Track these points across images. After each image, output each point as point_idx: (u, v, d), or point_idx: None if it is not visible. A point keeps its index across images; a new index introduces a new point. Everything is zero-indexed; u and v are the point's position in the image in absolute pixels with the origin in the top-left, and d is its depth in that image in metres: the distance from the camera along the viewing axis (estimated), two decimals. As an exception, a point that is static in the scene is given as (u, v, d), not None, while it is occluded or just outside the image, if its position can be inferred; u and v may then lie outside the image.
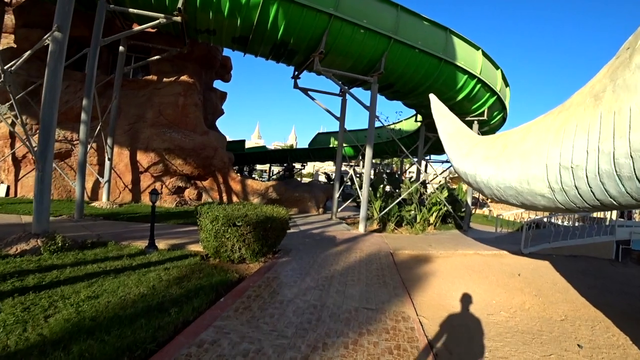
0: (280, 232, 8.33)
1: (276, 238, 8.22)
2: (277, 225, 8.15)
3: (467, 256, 10.97)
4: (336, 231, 13.16)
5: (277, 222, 8.17)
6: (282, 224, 8.40)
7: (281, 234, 8.43)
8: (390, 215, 14.93)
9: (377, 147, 25.11)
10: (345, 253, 9.74)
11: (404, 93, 15.57)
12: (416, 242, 12.39)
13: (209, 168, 16.03)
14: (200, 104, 16.43)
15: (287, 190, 16.68)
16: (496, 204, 32.70)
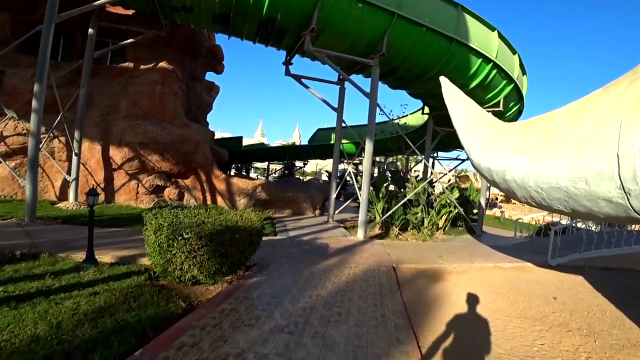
0: (246, 246, 6.39)
1: (240, 254, 6.30)
2: (242, 237, 6.22)
3: (485, 270, 9.00)
4: (331, 238, 11.23)
5: (243, 233, 6.24)
6: (251, 235, 6.48)
7: (247, 249, 6.50)
8: (394, 218, 12.99)
9: (380, 144, 23.09)
10: (336, 269, 7.80)
11: (409, 80, 13.60)
12: (424, 251, 10.43)
13: (190, 165, 14.16)
14: (182, 93, 14.57)
15: (278, 190, 14.77)
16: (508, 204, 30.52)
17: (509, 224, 21.48)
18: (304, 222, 13.71)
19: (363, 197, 11.53)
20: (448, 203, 13.76)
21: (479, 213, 14.73)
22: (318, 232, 11.96)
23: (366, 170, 11.59)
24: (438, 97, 15.63)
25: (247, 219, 6.78)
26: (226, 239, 5.90)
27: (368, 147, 11.49)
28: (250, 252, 6.77)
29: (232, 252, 6.03)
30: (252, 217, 7.07)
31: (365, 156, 11.52)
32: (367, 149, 11.48)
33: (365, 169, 11.62)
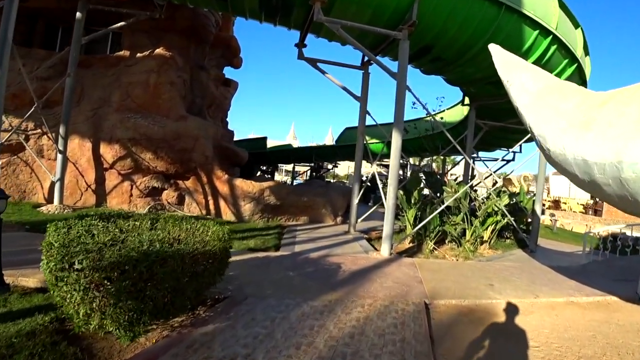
0: (187, 280, 4.05)
1: (174, 293, 3.96)
2: (176, 268, 3.88)
3: (557, 309, 6.28)
4: (346, 255, 8.75)
5: (177, 262, 3.90)
6: (197, 262, 4.16)
7: (192, 284, 4.16)
8: (428, 229, 10.34)
9: (413, 143, 20.36)
10: (341, 308, 5.34)
11: (446, 61, 10.95)
12: (467, 275, 7.78)
13: (189, 164, 12.04)
14: (181, 83, 12.51)
15: (290, 194, 12.40)
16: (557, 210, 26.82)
17: (562, 235, 18.23)
18: (318, 233, 11.28)
19: (388, 204, 8.98)
20: (495, 211, 10.99)
21: (532, 223, 11.84)
22: (332, 247, 9.50)
23: (393, 170, 9.05)
24: (481, 82, 12.93)
25: (201, 237, 4.47)
26: (142, 273, 3.57)
27: (395, 140, 8.96)
28: (202, 285, 4.44)
29: (154, 294, 3.70)
30: (215, 233, 4.75)
31: (392, 152, 8.98)
32: (395, 143, 8.95)
33: (392, 168, 9.07)
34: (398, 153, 8.91)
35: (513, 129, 14.75)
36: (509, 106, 14.06)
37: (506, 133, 15.75)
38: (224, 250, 4.73)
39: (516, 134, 15.59)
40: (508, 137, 16.24)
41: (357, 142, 12.04)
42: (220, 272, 4.83)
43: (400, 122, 9.00)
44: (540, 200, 11.75)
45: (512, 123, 13.75)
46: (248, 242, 9.18)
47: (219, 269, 4.77)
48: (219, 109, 18.36)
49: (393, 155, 8.93)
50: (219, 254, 4.60)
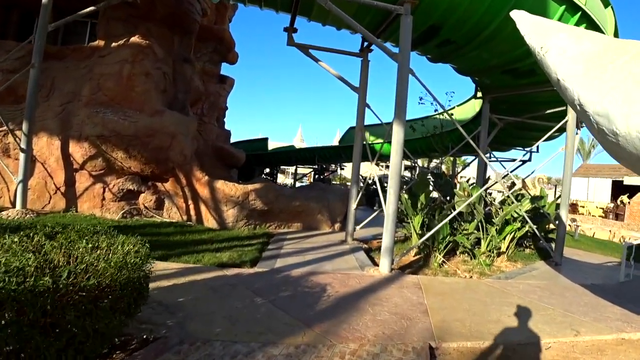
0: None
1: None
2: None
3: (606, 351, 4.59)
4: (338, 272, 7.13)
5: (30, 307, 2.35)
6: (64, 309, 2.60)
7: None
8: (437, 239, 8.66)
9: (421, 143, 18.65)
10: (312, 356, 3.75)
11: (457, 44, 9.30)
12: (484, 300, 6.11)
13: (166, 164, 10.53)
14: (160, 75, 11.04)
15: (279, 198, 10.77)
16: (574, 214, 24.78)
17: (585, 243, 16.36)
18: (310, 242, 9.68)
19: (388, 211, 7.33)
20: (515, 217, 9.28)
21: (558, 231, 10.09)
22: (322, 261, 7.90)
23: (394, 170, 7.40)
24: (497, 70, 11.10)
25: (101, 263, 2.92)
26: None
27: (397, 133, 7.32)
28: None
29: None
30: (118, 257, 3.19)
31: (393, 148, 7.34)
32: (396, 137, 7.31)
33: (393, 167, 7.42)
34: (400, 149, 7.27)
35: (532, 125, 13.01)
36: (527, 99, 12.36)
37: (523, 130, 13.99)
38: (131, 283, 3.16)
39: (535, 131, 13.83)
40: (525, 134, 14.46)
41: (355, 140, 10.43)
42: (128, 312, 3.26)
43: (402, 111, 7.36)
44: (567, 205, 10.00)
45: (531, 118, 12.03)
46: (221, 255, 7.62)
47: (125, 308, 3.20)
48: (213, 107, 16.90)
49: (394, 152, 7.30)
50: (121, 288, 3.04)
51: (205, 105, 16.82)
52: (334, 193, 12.43)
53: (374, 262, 8.14)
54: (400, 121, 7.28)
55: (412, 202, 9.69)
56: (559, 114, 11.48)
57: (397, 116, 7.31)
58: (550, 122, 12.25)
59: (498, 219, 8.66)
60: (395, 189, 7.29)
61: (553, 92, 10.63)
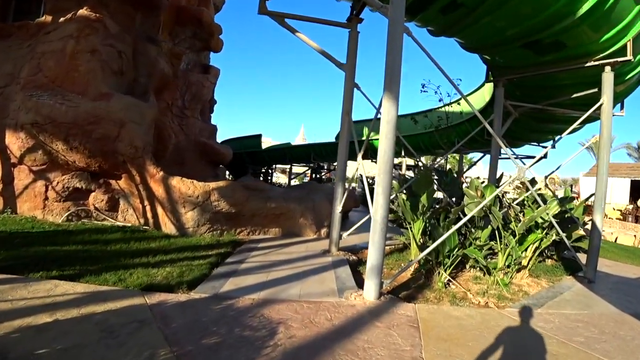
0: None
1: None
2: None
3: None
4: (305, 300, 5.06)
5: None
6: None
7: None
8: (442, 252, 6.51)
9: (424, 138, 16.43)
10: None
11: (465, 9, 7.16)
12: (512, 352, 4.03)
13: (114, 157, 8.52)
14: (112, 54, 9.05)
15: (250, 198, 8.68)
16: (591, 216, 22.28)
17: (609, 249, 14.09)
18: (284, 253, 7.62)
19: (376, 217, 5.23)
20: (539, 224, 7.14)
21: (591, 241, 7.91)
22: (289, 281, 5.84)
23: (383, 158, 5.26)
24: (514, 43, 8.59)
25: None
26: None
27: (387, 110, 5.22)
28: None
29: None
30: None
31: (383, 129, 5.25)
32: (386, 114, 5.21)
33: (382, 155, 5.29)
34: (391, 131, 5.18)
35: (552, 114, 10.85)
36: (550, 81, 10.05)
37: (541, 122, 11.79)
38: None
39: (556, 123, 11.65)
40: (543, 127, 12.26)
41: (342, 127, 8.31)
42: None
43: (394, 82, 5.26)
44: (602, 208, 7.83)
45: (553, 105, 9.87)
46: (157, 273, 5.63)
47: None
48: (196, 99, 14.92)
49: (384, 135, 5.20)
50: None
51: (187, 97, 14.86)
52: (321, 192, 10.33)
53: (361, 281, 6.06)
54: (392, 95, 5.19)
55: (412, 204, 7.59)
56: (587, 98, 9.33)
57: (387, 89, 5.22)
58: (575, 111, 10.11)
59: (521, 226, 6.50)
60: (385, 187, 5.20)
61: (584, 70, 8.55)
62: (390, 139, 5.16)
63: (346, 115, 7.92)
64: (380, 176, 5.17)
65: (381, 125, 5.23)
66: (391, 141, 5.18)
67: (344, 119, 7.95)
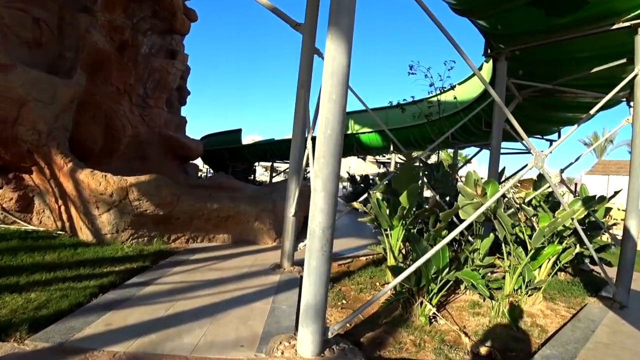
0: None
1: None
2: None
3: None
4: (201, 359, 3.03)
5: None
6: None
7: None
8: (426, 275, 4.41)
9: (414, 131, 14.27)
10: None
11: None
12: None
13: (17, 145, 6.43)
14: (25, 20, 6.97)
15: (183, 197, 6.55)
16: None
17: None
18: (219, 269, 5.55)
19: (314, 226, 3.20)
20: (560, 232, 5.08)
21: (623, 253, 5.87)
22: (195, 320, 3.79)
23: (325, 132, 3.17)
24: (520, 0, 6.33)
25: None
26: None
27: (332, 56, 3.19)
28: None
29: None
30: None
31: (325, 87, 3.21)
32: (332, 60, 3.17)
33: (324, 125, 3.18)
34: (340, 90, 3.11)
35: (562, 101, 8.83)
36: (564, 52, 7.88)
37: (548, 109, 9.71)
38: None
39: (564, 111, 9.60)
40: (550, 115, 10.17)
41: (297, 105, 6.15)
42: None
43: (344, 10, 3.20)
44: (638, 212, 5.74)
45: (567, 85, 7.81)
46: (11, 301, 3.69)
47: None
48: (161, 87, 12.86)
49: (327, 96, 3.13)
50: None
51: (150, 84, 12.80)
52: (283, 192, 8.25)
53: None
54: (340, 31, 3.11)
55: (392, 206, 5.52)
56: (608, 77, 7.29)
57: (333, 22, 3.14)
58: (592, 92, 8.04)
59: (537, 237, 4.42)
60: (326, 179, 3.12)
61: (610, 35, 6.49)
62: (338, 102, 3.09)
63: (301, 88, 5.80)
64: (320, 161, 3.10)
65: (323, 79, 3.15)
66: (339, 105, 3.11)
67: (299, 93, 5.84)
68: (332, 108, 3.12)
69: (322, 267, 3.14)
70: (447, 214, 4.34)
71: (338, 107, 3.12)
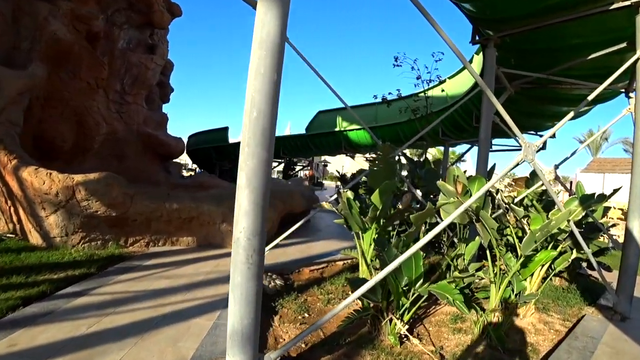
0: None
1: None
2: None
3: None
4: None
5: None
6: None
7: None
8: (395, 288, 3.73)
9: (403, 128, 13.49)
10: None
11: None
12: None
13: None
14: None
15: (137, 197, 5.88)
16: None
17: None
18: (170, 277, 4.86)
19: (237, 232, 2.54)
20: (555, 235, 4.42)
21: (625, 258, 5.20)
22: (117, 340, 3.11)
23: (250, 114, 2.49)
24: None
25: None
26: None
27: (261, 20, 2.55)
28: None
29: None
30: None
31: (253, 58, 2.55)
32: (259, 28, 2.52)
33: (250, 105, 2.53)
34: (271, 61, 2.46)
35: (556, 93, 8.18)
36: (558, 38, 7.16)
37: (542, 102, 9.03)
38: None
39: (558, 104, 8.92)
40: (544, 110, 9.49)
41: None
42: None
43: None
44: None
45: (562, 74, 7.14)
46: None
47: None
48: (139, 83, 12.10)
49: (253, 69, 2.48)
50: None
51: (127, 80, 12.08)
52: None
53: (263, 328, 3.32)
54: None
55: (362, 204, 4.85)
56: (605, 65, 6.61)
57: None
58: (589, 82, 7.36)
59: (528, 241, 3.74)
60: (251, 172, 2.44)
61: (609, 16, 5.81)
62: (267, 76, 2.43)
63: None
64: (245, 150, 2.43)
65: (252, 50, 2.49)
66: (269, 81, 2.44)
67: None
68: (259, 85, 2.45)
69: (248, 283, 2.46)
70: (418, 217, 3.64)
71: (267, 84, 2.46)
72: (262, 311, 4.27)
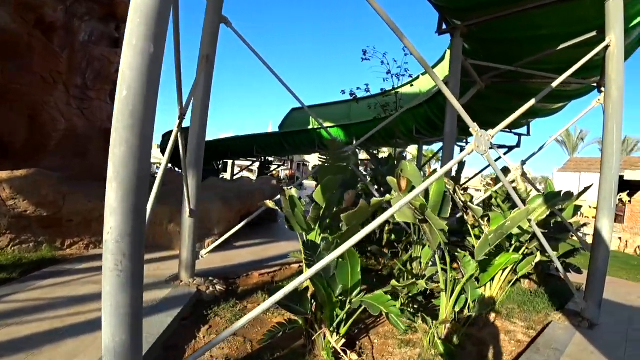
0: None
1: None
2: None
3: None
4: None
5: None
6: None
7: None
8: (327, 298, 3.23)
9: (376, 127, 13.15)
10: None
11: None
12: None
13: None
14: None
15: (70, 196, 5.31)
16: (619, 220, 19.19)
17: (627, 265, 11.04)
18: (97, 282, 4.32)
19: (107, 234, 2.05)
20: (515, 236, 4.00)
21: (593, 260, 4.81)
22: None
23: (120, 95, 2.00)
24: None
25: None
26: None
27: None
28: None
29: None
30: None
31: (130, 30, 2.07)
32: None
33: (124, 86, 2.03)
34: (148, 23, 1.96)
35: (529, 88, 7.85)
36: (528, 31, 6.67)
37: (514, 97, 8.68)
38: None
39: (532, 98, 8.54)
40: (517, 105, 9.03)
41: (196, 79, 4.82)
42: None
43: None
44: (612, 211, 4.66)
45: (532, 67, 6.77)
46: None
47: None
48: (102, 78, 11.42)
49: (128, 42, 1.98)
50: None
51: (89, 74, 11.42)
52: (213, 190, 7.05)
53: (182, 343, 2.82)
54: None
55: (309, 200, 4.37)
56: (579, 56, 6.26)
57: None
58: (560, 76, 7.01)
59: (483, 243, 3.29)
60: (120, 163, 1.98)
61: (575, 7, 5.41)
62: (140, 48, 1.93)
63: (205, 59, 4.56)
64: (113, 136, 1.99)
65: (129, 19, 1.99)
66: (143, 54, 1.94)
67: (201, 64, 4.57)
68: (130, 59, 1.95)
69: (119, 294, 1.96)
70: (351, 216, 3.15)
71: (140, 57, 1.95)
72: (191, 320, 3.80)
